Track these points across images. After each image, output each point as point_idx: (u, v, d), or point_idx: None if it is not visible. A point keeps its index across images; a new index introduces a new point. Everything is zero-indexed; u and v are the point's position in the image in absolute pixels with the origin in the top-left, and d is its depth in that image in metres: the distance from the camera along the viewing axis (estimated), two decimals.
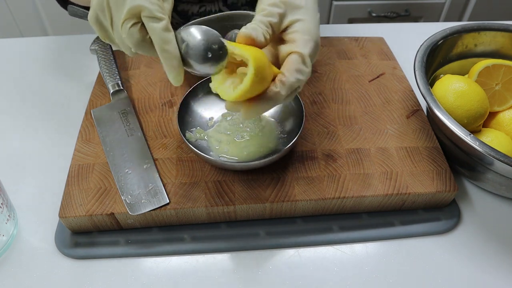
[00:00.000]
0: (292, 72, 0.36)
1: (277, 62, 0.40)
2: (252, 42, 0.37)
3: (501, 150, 0.43)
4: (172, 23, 0.79)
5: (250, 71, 0.34)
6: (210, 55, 0.37)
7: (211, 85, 0.39)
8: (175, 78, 0.38)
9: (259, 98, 0.36)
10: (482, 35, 0.59)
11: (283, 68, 0.37)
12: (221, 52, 0.38)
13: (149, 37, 0.37)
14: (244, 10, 0.79)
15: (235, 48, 0.36)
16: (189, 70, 0.39)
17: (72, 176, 0.48)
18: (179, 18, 0.77)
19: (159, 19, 0.36)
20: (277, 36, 0.40)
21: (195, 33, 0.37)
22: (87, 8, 0.45)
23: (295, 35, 0.39)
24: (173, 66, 0.37)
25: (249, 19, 0.61)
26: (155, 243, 0.46)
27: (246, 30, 0.37)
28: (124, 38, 0.37)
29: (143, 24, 0.37)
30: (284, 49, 0.39)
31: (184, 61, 0.38)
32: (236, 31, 0.57)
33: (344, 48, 0.67)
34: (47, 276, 0.44)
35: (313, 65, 0.63)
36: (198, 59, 0.37)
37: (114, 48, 0.62)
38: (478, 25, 0.59)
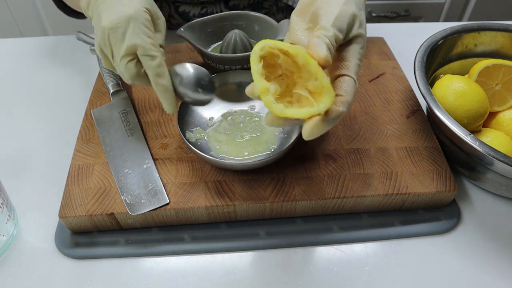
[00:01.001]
0: (350, 94, 0.36)
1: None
2: (324, 64, 0.35)
3: (501, 150, 0.43)
4: (173, 24, 0.79)
5: (328, 101, 0.33)
6: (200, 86, 0.45)
7: (249, 90, 0.36)
8: (168, 106, 0.43)
9: (324, 118, 0.34)
10: (482, 35, 0.59)
11: (340, 90, 0.36)
12: (209, 85, 0.45)
13: (143, 71, 0.42)
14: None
15: (323, 78, 0.33)
16: (183, 99, 0.45)
17: (72, 176, 0.48)
18: (180, 19, 0.77)
19: (153, 57, 0.41)
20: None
21: (188, 67, 0.45)
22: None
23: (351, 55, 0.37)
24: (166, 97, 0.43)
25: (249, 19, 0.61)
26: (155, 243, 0.46)
27: (325, 54, 0.34)
28: (122, 72, 0.42)
29: (139, 60, 0.42)
30: (339, 69, 0.37)
31: (178, 92, 0.44)
32: (236, 31, 0.57)
33: None
34: (47, 276, 0.44)
35: None
36: (191, 88, 0.44)
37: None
38: (478, 25, 0.59)
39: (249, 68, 0.55)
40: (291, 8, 0.89)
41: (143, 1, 0.43)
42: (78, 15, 0.67)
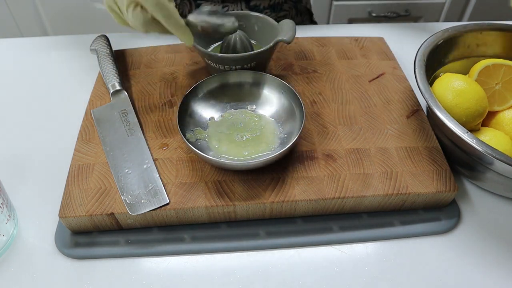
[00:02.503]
0: None
1: None
2: None
3: (499, 149, 0.43)
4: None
5: None
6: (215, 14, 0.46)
7: None
8: (186, 39, 0.45)
9: None
10: (484, 35, 0.59)
11: None
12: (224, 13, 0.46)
13: (151, 16, 0.43)
14: (266, 13, 0.79)
15: None
16: (203, 28, 0.46)
17: (72, 176, 0.48)
18: None
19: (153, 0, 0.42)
20: None
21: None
22: None
23: None
24: (182, 32, 0.44)
25: (249, 19, 0.61)
26: (155, 243, 0.46)
27: None
28: (131, 20, 0.43)
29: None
30: None
31: (195, 23, 0.46)
32: (236, 31, 0.56)
33: (344, 48, 0.67)
34: (47, 276, 0.44)
35: (313, 65, 0.64)
36: (206, 13, 0.46)
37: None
38: (480, 25, 0.59)
39: (249, 68, 0.55)
40: (309, 12, 0.90)
41: None
42: None
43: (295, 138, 0.46)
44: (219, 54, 0.54)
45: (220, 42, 0.61)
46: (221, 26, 0.48)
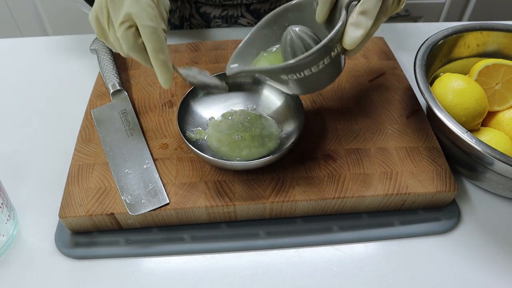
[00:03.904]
0: None
1: None
2: None
3: (499, 149, 0.43)
4: (193, 24, 0.80)
5: None
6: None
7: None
8: (165, 82, 0.40)
9: None
10: (484, 35, 0.59)
11: None
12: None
13: (141, 41, 0.39)
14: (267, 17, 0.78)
15: None
16: (189, 82, 0.44)
17: (72, 176, 0.48)
18: (201, 20, 0.78)
19: (154, 28, 0.38)
20: None
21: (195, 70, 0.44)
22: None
23: None
24: (164, 71, 0.40)
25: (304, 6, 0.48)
26: (155, 243, 0.46)
27: None
28: (119, 38, 0.40)
29: (137, 28, 0.39)
30: None
31: (183, 75, 0.43)
32: (292, 27, 0.44)
33: None
34: (47, 276, 0.44)
35: None
36: (198, 73, 0.44)
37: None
38: (481, 25, 0.59)
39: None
40: None
41: None
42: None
43: (295, 138, 0.46)
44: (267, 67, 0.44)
45: (278, 46, 0.49)
46: (209, 85, 0.45)
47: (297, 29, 0.43)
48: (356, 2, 0.42)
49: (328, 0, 0.43)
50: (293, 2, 0.47)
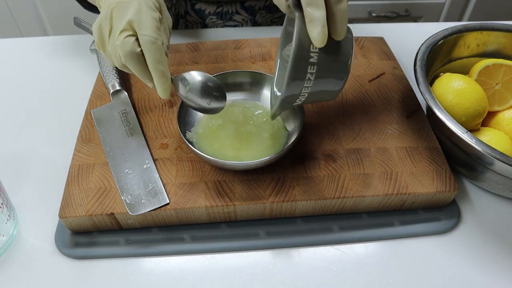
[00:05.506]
0: None
1: None
2: None
3: (499, 149, 0.43)
4: (189, 21, 0.80)
5: None
6: (209, 94, 0.44)
7: None
8: (164, 92, 0.42)
9: None
10: (484, 35, 0.59)
11: None
12: (219, 93, 0.44)
13: (140, 50, 0.40)
14: (261, 14, 0.79)
15: None
16: (189, 105, 0.45)
17: (72, 176, 0.48)
18: (196, 17, 0.78)
19: (154, 38, 0.39)
20: None
21: (195, 74, 0.44)
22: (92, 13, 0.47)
23: None
24: (163, 82, 0.41)
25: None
26: (155, 243, 0.46)
27: None
28: (117, 46, 0.40)
29: (137, 38, 0.40)
30: None
31: (184, 97, 0.45)
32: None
33: None
34: (47, 276, 0.44)
35: None
36: (199, 95, 0.44)
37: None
38: (481, 25, 0.59)
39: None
40: None
41: None
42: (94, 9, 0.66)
43: (295, 138, 0.46)
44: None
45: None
46: (207, 109, 0.46)
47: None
48: None
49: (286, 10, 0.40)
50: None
